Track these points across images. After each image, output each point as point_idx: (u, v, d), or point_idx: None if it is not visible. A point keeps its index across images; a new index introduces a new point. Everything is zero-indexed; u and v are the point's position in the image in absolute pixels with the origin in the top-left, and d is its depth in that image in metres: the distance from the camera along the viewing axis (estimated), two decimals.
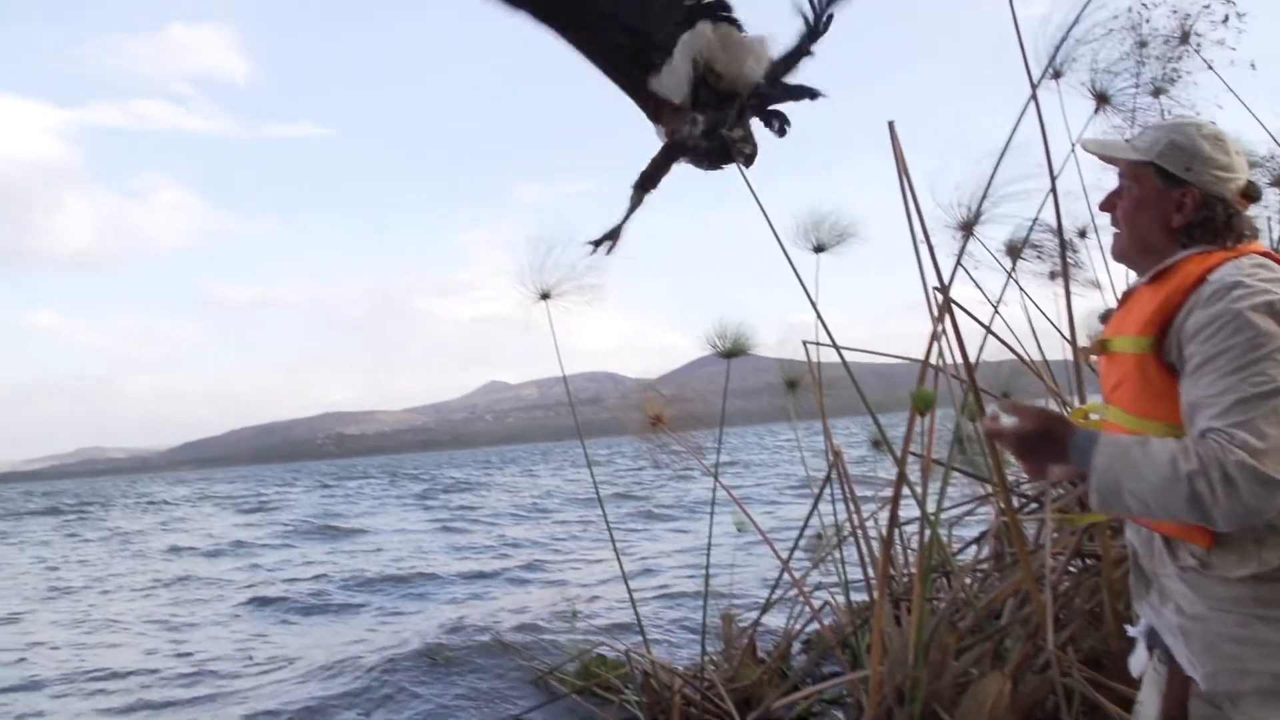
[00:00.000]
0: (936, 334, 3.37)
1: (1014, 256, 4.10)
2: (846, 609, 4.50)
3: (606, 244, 2.99)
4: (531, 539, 14.39)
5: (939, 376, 3.64)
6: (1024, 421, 1.58)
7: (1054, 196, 3.50)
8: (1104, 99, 3.73)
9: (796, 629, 4.70)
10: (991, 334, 3.79)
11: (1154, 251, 1.65)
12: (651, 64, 2.78)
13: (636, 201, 2.91)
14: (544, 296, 3.99)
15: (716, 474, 4.48)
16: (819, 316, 3.79)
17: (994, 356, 4.00)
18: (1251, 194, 1.63)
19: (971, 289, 3.93)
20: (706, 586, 4.73)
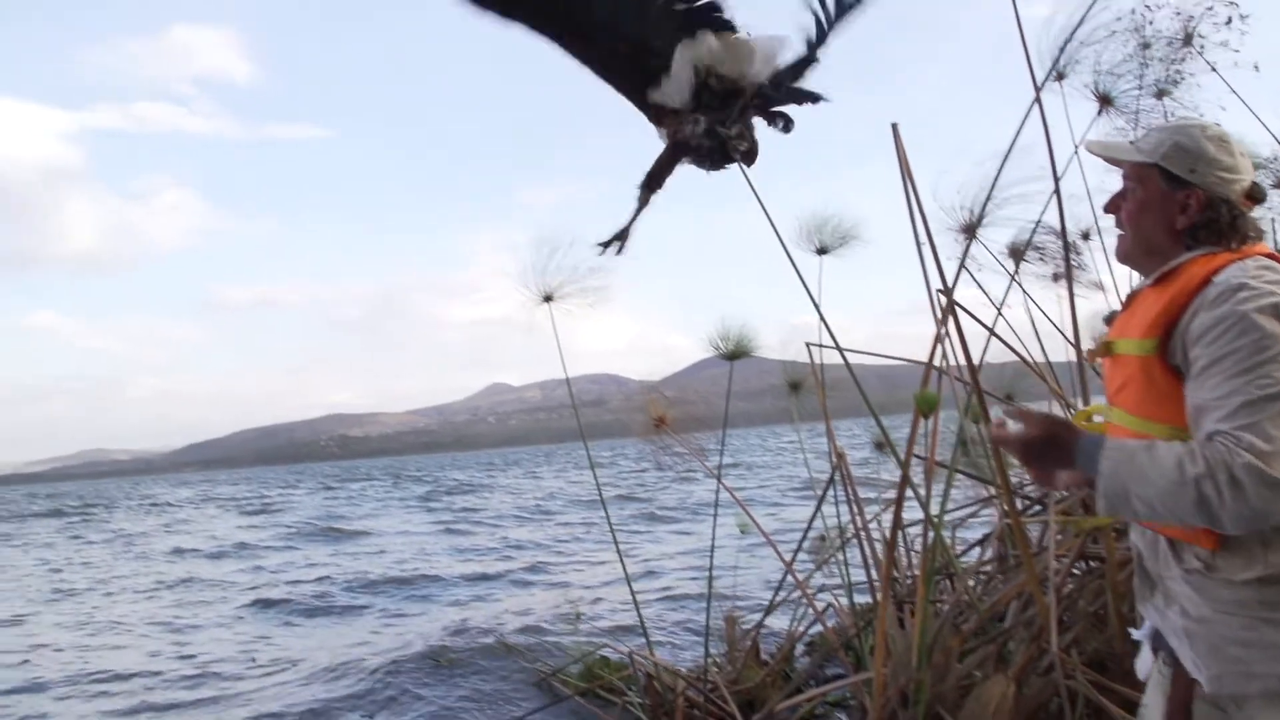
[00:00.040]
0: (940, 336, 3.37)
1: (1017, 259, 4.09)
2: (850, 611, 4.50)
3: (615, 245, 2.99)
4: (535, 541, 14.39)
5: (942, 378, 3.64)
6: (1029, 428, 1.58)
7: (1058, 198, 3.49)
8: (1107, 101, 3.72)
9: (800, 631, 4.70)
10: (995, 336, 3.79)
11: (1158, 253, 1.65)
12: (651, 70, 2.77)
13: (644, 201, 2.91)
14: (547, 299, 3.99)
15: (719, 476, 4.48)
16: (822, 318, 3.79)
17: (997, 358, 4.00)
18: (1256, 195, 1.62)
19: (974, 290, 3.93)
20: (710, 588, 4.73)
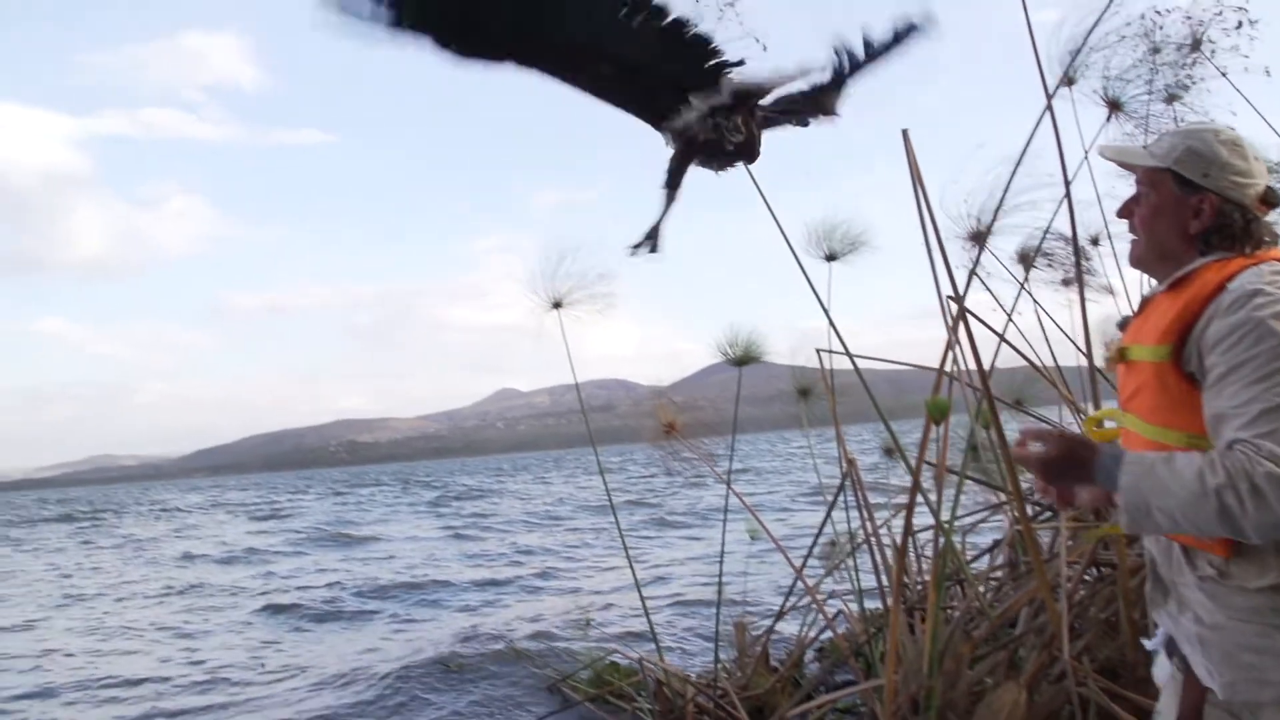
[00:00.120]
0: (951, 343, 3.36)
1: (1026, 265, 4.09)
2: (860, 617, 4.48)
3: (647, 245, 2.97)
4: (544, 546, 14.40)
5: (953, 384, 3.63)
6: (1049, 448, 1.55)
7: (1069, 204, 3.49)
8: (1116, 106, 3.72)
9: (810, 637, 4.69)
10: (1005, 342, 3.78)
11: (1172, 258, 1.64)
12: (655, 95, 2.77)
13: (669, 200, 2.90)
14: (556, 305, 4.00)
15: (729, 481, 4.48)
16: (832, 324, 3.79)
17: (1007, 363, 3.99)
18: (1270, 200, 1.61)
19: (984, 295, 3.93)
20: (720, 594, 4.73)
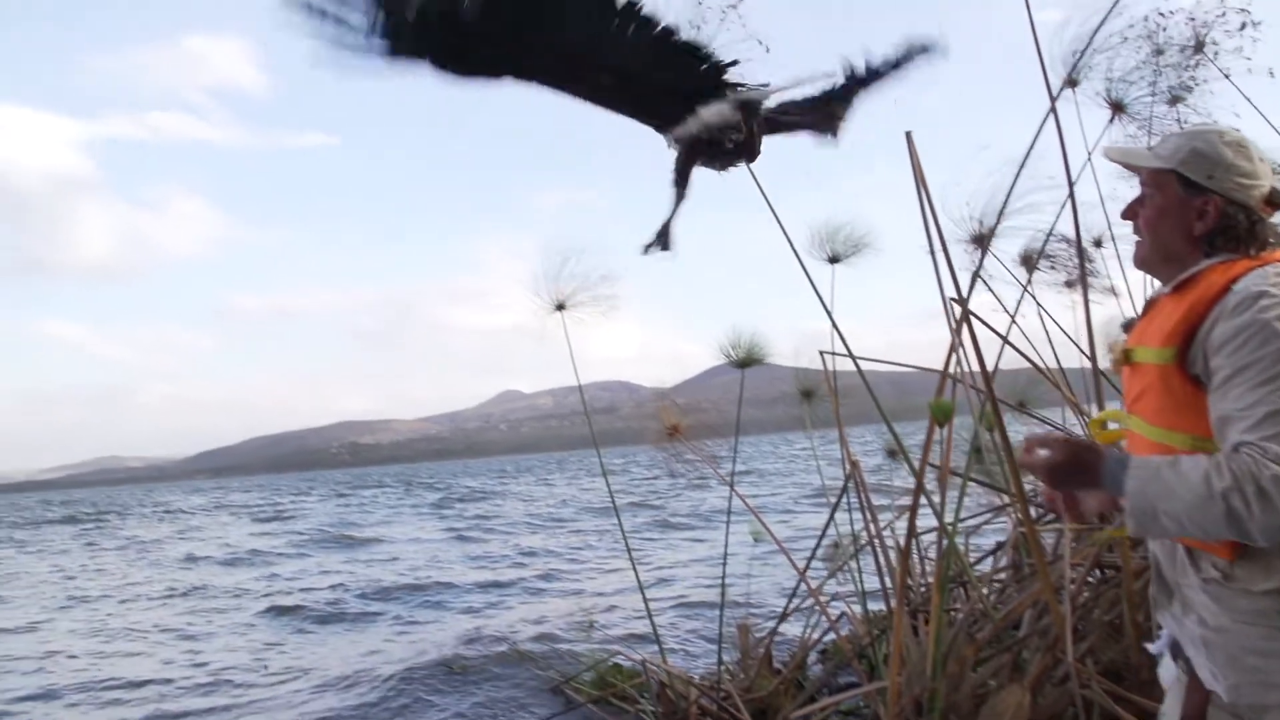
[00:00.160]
0: (955, 345, 3.36)
1: (1029, 267, 4.08)
2: (864, 619, 4.47)
3: (659, 245, 2.98)
4: (547, 548, 14.39)
5: (956, 386, 3.63)
6: (1055, 453, 1.55)
7: (1073, 206, 3.48)
8: (1120, 108, 3.71)
9: (813, 639, 4.68)
10: (1008, 344, 3.78)
11: (1176, 260, 1.64)
12: (654, 101, 2.78)
13: (678, 199, 2.91)
14: (559, 307, 4.00)
15: (732, 483, 4.48)
16: (835, 327, 3.78)
17: (1010, 364, 3.98)
18: (1275, 201, 1.61)
19: (987, 296, 3.92)
20: (723, 596, 4.73)
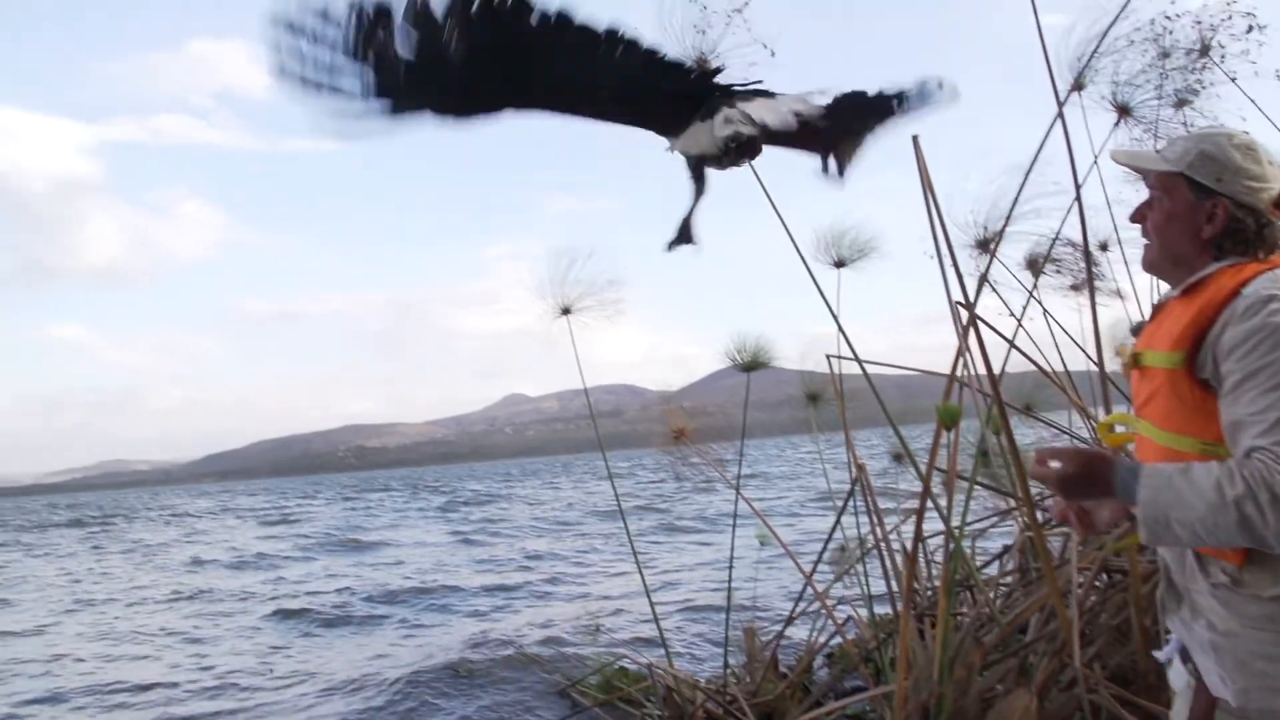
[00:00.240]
0: (961, 348, 3.35)
1: (1035, 271, 4.08)
2: (870, 623, 4.47)
3: (684, 241, 2.96)
4: (553, 552, 14.40)
5: (963, 389, 3.62)
6: (1066, 465, 1.54)
7: (1079, 209, 3.47)
8: (1126, 111, 3.70)
9: (819, 643, 4.68)
10: (1015, 348, 3.77)
11: (1185, 263, 1.63)
12: (655, 110, 2.77)
13: (698, 193, 2.89)
14: (565, 311, 4.01)
15: (738, 487, 4.47)
16: (841, 330, 3.78)
17: (1016, 368, 3.98)
18: None
19: (993, 299, 3.92)
20: (729, 600, 4.72)
